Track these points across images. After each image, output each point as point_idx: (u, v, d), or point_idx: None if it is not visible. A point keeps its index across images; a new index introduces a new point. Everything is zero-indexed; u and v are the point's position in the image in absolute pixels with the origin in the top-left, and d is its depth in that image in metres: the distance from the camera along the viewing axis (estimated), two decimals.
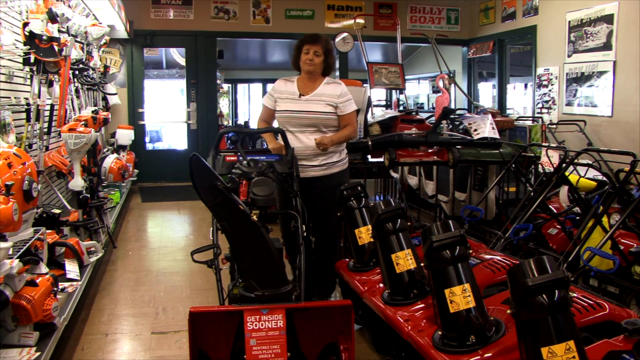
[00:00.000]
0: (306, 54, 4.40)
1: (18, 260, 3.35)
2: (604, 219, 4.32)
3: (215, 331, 3.16)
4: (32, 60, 4.33)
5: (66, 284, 4.37)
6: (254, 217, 3.18)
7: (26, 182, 3.24)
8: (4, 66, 4.37)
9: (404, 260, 3.58)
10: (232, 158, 4.21)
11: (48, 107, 4.85)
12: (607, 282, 4.04)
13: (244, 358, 3.09)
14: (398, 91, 8.46)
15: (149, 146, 11.72)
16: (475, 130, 5.74)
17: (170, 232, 7.41)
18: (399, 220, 3.66)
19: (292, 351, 3.15)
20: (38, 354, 3.40)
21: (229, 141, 9.75)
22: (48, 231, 4.33)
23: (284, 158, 4.28)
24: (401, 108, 7.05)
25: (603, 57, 7.70)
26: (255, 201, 3.59)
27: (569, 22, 8.39)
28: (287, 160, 4.27)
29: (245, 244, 3.22)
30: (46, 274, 3.83)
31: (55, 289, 3.85)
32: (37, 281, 3.61)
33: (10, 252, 3.21)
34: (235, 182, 3.77)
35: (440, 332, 3.02)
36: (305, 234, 3.77)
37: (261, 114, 4.63)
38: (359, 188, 4.33)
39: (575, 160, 4.90)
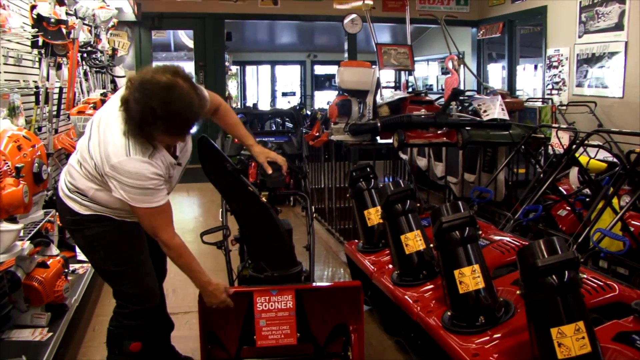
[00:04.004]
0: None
1: (29, 242, 3.37)
2: (614, 201, 4.30)
3: (225, 312, 3.17)
4: (40, 43, 4.32)
5: (77, 266, 4.40)
6: (263, 199, 3.18)
7: (36, 164, 3.25)
8: (12, 49, 4.36)
9: (413, 241, 3.58)
10: None
11: (57, 90, 4.85)
12: (617, 263, 4.03)
13: (253, 339, 3.10)
14: (407, 72, 8.43)
15: None
16: (485, 111, 5.71)
17: (180, 214, 7.42)
18: (409, 201, 3.65)
19: (301, 332, 3.16)
20: (50, 334, 3.44)
21: None
22: (58, 213, 4.35)
23: (292, 139, 4.25)
24: (410, 89, 7.02)
25: (614, 38, 7.63)
26: (264, 182, 3.59)
27: (580, 2, 8.30)
28: (296, 141, 4.25)
29: (255, 226, 3.22)
30: (57, 255, 3.86)
31: (66, 270, 3.88)
32: (48, 263, 3.64)
33: (21, 234, 3.23)
34: (244, 163, 3.77)
35: (449, 313, 3.03)
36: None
37: None
38: (368, 169, 4.33)
39: (586, 142, 4.87)
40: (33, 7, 4.26)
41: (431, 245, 3.45)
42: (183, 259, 2.82)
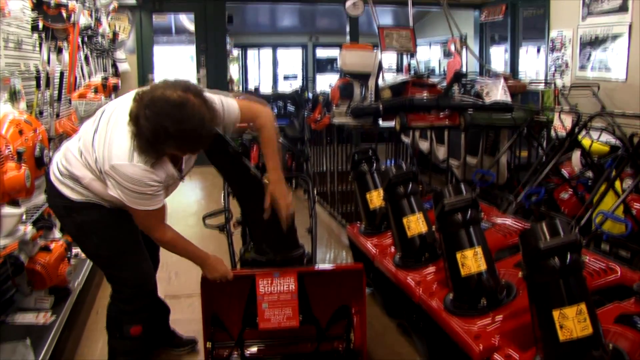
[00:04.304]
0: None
1: (31, 226, 3.38)
2: (617, 183, 4.29)
3: (228, 295, 3.19)
4: (40, 27, 4.30)
5: (79, 250, 4.41)
6: (265, 181, 3.18)
7: (37, 148, 3.24)
8: (12, 33, 4.34)
9: (416, 224, 3.58)
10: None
11: (58, 74, 4.83)
12: (619, 246, 4.03)
13: (256, 321, 3.12)
14: (409, 55, 8.36)
15: None
16: (487, 94, 5.69)
17: (182, 198, 7.42)
18: (411, 183, 3.65)
19: (303, 314, 3.17)
20: (54, 317, 3.46)
21: None
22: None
23: (294, 122, 4.25)
24: (412, 72, 7.00)
25: (618, 20, 7.56)
26: (265, 166, 3.59)
27: None
28: (298, 124, 4.24)
29: (257, 208, 3.22)
30: (59, 239, 3.87)
31: (69, 254, 3.90)
32: (51, 247, 3.65)
33: (24, 218, 3.24)
34: (246, 146, 3.77)
35: (451, 295, 3.03)
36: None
37: None
38: (370, 152, 4.32)
39: (589, 124, 4.85)
40: None
41: (433, 227, 3.45)
42: (178, 247, 2.86)
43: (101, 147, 2.56)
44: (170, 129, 2.33)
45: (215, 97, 2.73)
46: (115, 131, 2.54)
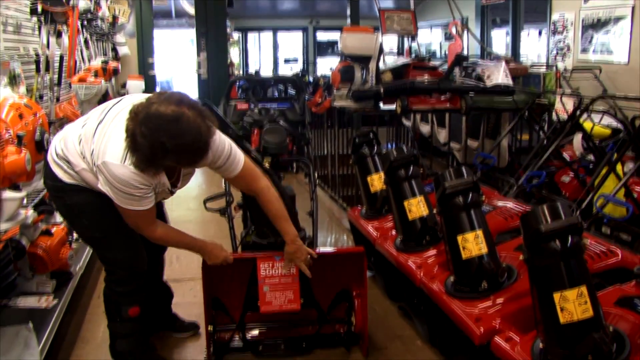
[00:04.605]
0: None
1: (32, 210, 3.38)
2: (618, 167, 4.29)
3: (229, 278, 3.19)
4: (39, 10, 4.27)
5: None
6: (266, 165, 3.18)
7: (38, 132, 3.23)
8: (11, 16, 4.32)
9: (417, 207, 3.58)
10: (244, 106, 4.19)
11: (57, 58, 4.81)
12: (620, 229, 4.03)
13: (257, 304, 3.12)
14: (410, 38, 8.33)
15: None
16: (489, 77, 5.67)
17: None
18: (412, 167, 3.65)
19: (305, 298, 3.18)
20: (55, 301, 3.46)
21: (239, 90, 9.70)
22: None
23: (295, 106, 4.25)
24: (413, 55, 6.97)
25: (621, 2, 7.52)
26: (267, 149, 3.59)
27: None
28: (299, 108, 4.24)
29: None
30: (61, 223, 3.87)
31: (70, 238, 3.90)
32: (52, 231, 3.65)
33: (25, 202, 3.24)
34: (247, 130, 3.76)
35: (452, 278, 3.04)
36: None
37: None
38: (371, 135, 4.31)
39: (590, 108, 4.83)
40: None
41: (434, 210, 3.45)
42: (171, 241, 2.90)
43: (99, 140, 2.56)
44: (168, 144, 2.32)
45: (226, 140, 2.75)
46: (116, 129, 2.53)
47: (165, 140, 2.31)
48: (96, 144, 2.57)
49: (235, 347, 3.31)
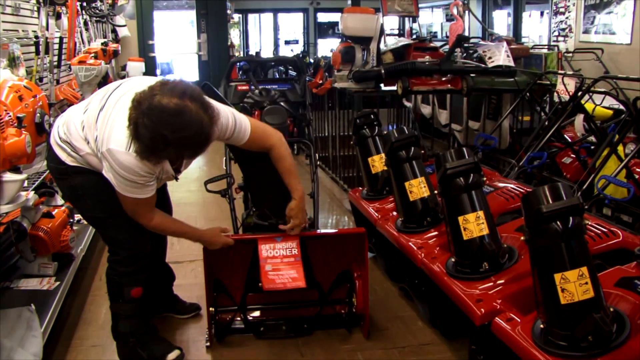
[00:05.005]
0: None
1: (33, 192, 3.38)
2: (620, 148, 4.27)
3: (230, 260, 3.20)
4: None
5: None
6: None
7: (38, 114, 3.23)
8: None
9: (418, 188, 3.58)
10: (244, 87, 4.17)
11: (57, 40, 4.79)
12: (621, 211, 4.02)
13: (259, 286, 3.13)
14: (411, 19, 8.29)
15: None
16: (490, 58, 5.63)
17: None
18: (413, 148, 3.64)
19: (306, 279, 3.19)
20: (57, 283, 3.48)
21: (240, 71, 9.65)
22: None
23: (296, 87, 4.23)
24: (414, 36, 6.93)
25: None
26: None
27: None
28: (300, 89, 4.22)
29: (258, 172, 3.22)
30: (62, 205, 3.88)
31: (72, 220, 3.91)
32: (53, 213, 3.66)
33: (26, 184, 3.24)
34: (247, 110, 3.75)
35: (453, 259, 3.04)
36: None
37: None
38: (372, 116, 4.30)
39: (592, 89, 4.81)
40: None
41: (435, 192, 3.45)
42: (169, 229, 2.93)
43: (103, 127, 2.57)
44: (169, 137, 2.33)
45: (229, 112, 2.77)
46: (118, 116, 2.53)
47: (167, 134, 2.32)
48: (100, 130, 2.58)
49: (236, 329, 3.32)
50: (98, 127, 2.59)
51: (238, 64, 9.03)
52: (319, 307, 3.33)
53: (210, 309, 3.19)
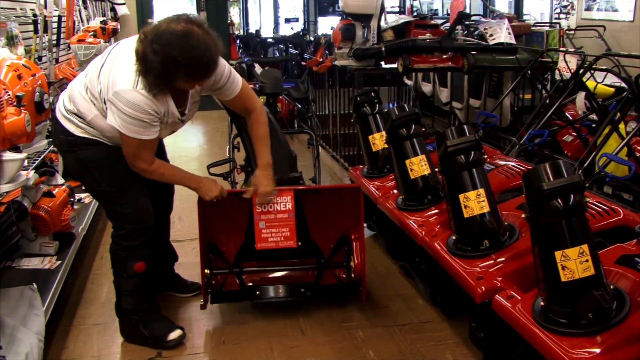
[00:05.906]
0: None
1: (34, 171, 3.38)
2: (621, 126, 4.26)
3: (225, 224, 3.21)
4: None
5: (82, 195, 4.42)
6: (262, 100, 3.20)
7: (37, 93, 3.21)
8: None
9: (418, 166, 3.58)
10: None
11: (55, 19, 4.76)
12: (621, 189, 4.02)
13: (254, 248, 3.15)
14: None
15: None
16: (491, 35, 5.60)
17: (184, 142, 7.41)
18: (413, 125, 3.63)
19: (302, 241, 3.22)
20: (59, 262, 3.49)
21: (240, 50, 9.62)
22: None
23: (299, 85, 4.27)
24: (415, 13, 6.88)
25: None
26: (262, 88, 3.63)
27: None
28: (303, 87, 4.25)
29: None
30: (62, 185, 3.87)
31: (72, 199, 3.91)
32: (54, 192, 3.66)
33: (26, 164, 3.23)
34: (243, 70, 3.80)
35: (454, 237, 3.05)
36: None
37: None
38: (372, 94, 4.29)
39: (594, 66, 4.78)
40: None
41: (436, 169, 3.45)
42: (166, 174, 2.94)
43: (106, 77, 2.64)
44: (179, 57, 2.43)
45: (226, 63, 2.85)
46: (122, 62, 2.62)
47: (176, 54, 2.42)
48: (103, 81, 2.65)
49: (232, 292, 3.34)
50: (101, 80, 2.67)
51: (238, 42, 8.99)
52: (317, 272, 3.35)
53: (206, 270, 3.20)
